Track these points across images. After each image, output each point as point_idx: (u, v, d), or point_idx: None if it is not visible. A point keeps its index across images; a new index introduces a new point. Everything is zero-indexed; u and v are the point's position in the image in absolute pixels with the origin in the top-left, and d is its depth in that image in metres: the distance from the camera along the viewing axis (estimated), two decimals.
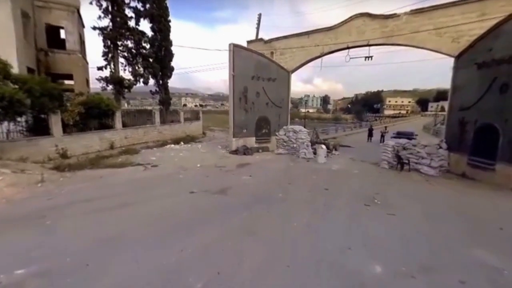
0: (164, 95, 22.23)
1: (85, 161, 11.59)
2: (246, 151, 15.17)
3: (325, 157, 13.48)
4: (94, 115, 13.54)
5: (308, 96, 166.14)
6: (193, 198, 7.57)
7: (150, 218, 6.00)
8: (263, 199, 7.51)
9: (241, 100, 15.33)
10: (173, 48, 21.99)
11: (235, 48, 14.46)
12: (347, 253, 4.64)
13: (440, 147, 11.56)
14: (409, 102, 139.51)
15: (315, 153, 14.23)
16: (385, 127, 23.74)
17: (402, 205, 7.27)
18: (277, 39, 17.32)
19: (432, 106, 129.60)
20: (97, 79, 18.31)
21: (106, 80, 18.29)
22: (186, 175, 10.26)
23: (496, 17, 9.76)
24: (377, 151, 18.37)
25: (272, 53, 17.37)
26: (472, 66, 10.45)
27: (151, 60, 19.81)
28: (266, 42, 17.79)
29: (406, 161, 11.60)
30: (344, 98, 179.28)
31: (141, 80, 19.64)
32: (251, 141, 16.14)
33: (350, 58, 14.78)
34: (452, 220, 6.27)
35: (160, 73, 21.76)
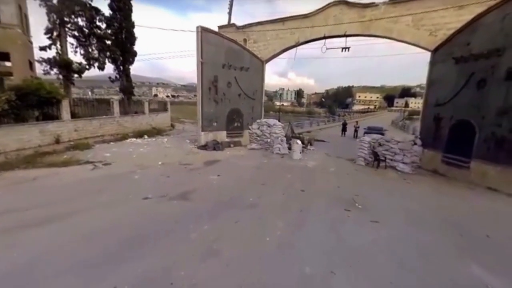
0: (126, 83, 19.94)
1: (17, 159, 9.58)
2: (216, 146, 13.92)
3: (300, 152, 12.73)
4: (33, 103, 11.33)
5: (283, 89, 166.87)
6: (145, 206, 6.26)
7: (82, 238, 4.64)
8: (232, 205, 6.44)
9: (210, 90, 13.95)
10: (140, 33, 19.74)
11: (203, 32, 12.97)
12: (330, 281, 3.74)
13: (415, 144, 11.33)
14: (377, 97, 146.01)
15: (290, 148, 13.42)
16: (357, 121, 23.81)
17: (384, 209, 6.64)
18: (251, 25, 16.04)
19: (398, 102, 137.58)
20: (38, 61, 15.57)
21: (49, 62, 15.57)
22: (143, 175, 8.82)
23: (474, 9, 9.47)
24: (352, 146, 18.18)
25: (245, 40, 16.09)
26: (449, 60, 10.17)
27: (108, 42, 17.42)
28: (238, 28, 16.43)
29: (383, 158, 11.21)
30: (316, 93, 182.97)
31: (96, 64, 17.23)
32: (222, 135, 14.90)
33: (327, 48, 14.04)
34: (438, 228, 5.70)
35: (121, 58, 19.42)
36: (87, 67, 17.01)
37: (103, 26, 17.23)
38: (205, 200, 6.69)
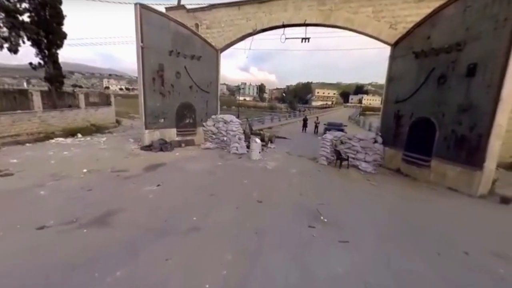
0: (53, 70, 16.51)
1: None
2: (163, 146, 11.99)
3: (259, 152, 11.53)
4: None
5: (245, 84, 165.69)
6: (36, 241, 4.37)
7: None
8: (166, 231, 4.89)
9: (155, 81, 11.91)
10: (85, 16, 16.41)
11: (143, 10, 10.84)
12: None
13: (376, 141, 10.93)
14: (334, 94, 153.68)
15: (248, 147, 12.14)
16: (317, 117, 23.63)
17: (352, 222, 5.71)
18: (203, 9, 14.20)
19: (352, 98, 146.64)
20: None
21: None
22: (53, 189, 6.70)
23: (435, 2, 9.13)
24: (313, 143, 17.68)
25: (197, 25, 14.22)
26: (410, 55, 9.80)
27: (21, 18, 13.96)
28: (189, 11, 14.46)
29: (346, 157, 10.57)
30: (277, 88, 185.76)
31: (6, 45, 13.69)
32: (171, 134, 12.99)
33: (286, 38, 12.97)
34: (412, 245, 4.91)
35: (45, 41, 15.95)
36: None
37: None
38: (130, 226, 5.02)
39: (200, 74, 13.51)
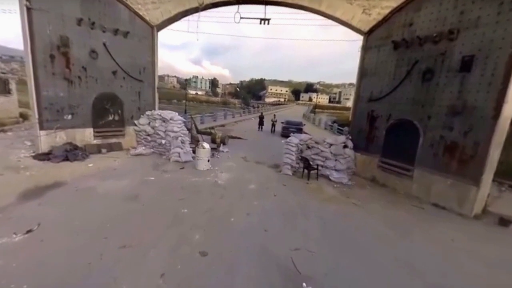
0: None
1: None
2: (70, 153, 8.47)
3: (208, 160, 8.92)
4: None
5: (197, 77, 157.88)
6: None
7: None
8: None
9: (54, 61, 8.28)
10: None
11: None
12: None
13: (346, 146, 9.34)
14: (286, 91, 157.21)
15: (195, 151, 9.41)
16: (274, 115, 21.90)
17: (347, 282, 3.66)
18: None
19: (303, 96, 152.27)
20: None
21: None
22: None
23: None
24: (272, 144, 15.67)
25: None
26: (387, 45, 8.34)
27: None
28: None
29: (315, 167, 8.70)
30: (231, 84, 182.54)
31: None
32: (85, 135, 9.45)
33: (241, 18, 10.50)
34: None
35: None
36: None
37: None
38: None
39: (129, 56, 10.17)
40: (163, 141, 10.08)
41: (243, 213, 5.72)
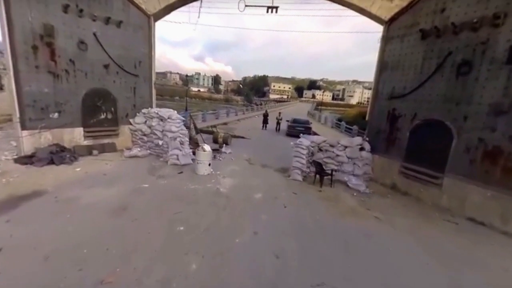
0: None
1: None
2: (56, 156, 7.62)
3: (209, 164, 8.02)
4: None
5: (199, 74, 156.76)
6: None
7: None
8: None
9: (38, 53, 7.39)
10: None
11: None
12: None
13: (362, 148, 8.39)
14: (289, 88, 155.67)
15: (195, 153, 8.51)
16: (280, 113, 20.92)
17: None
18: None
19: (306, 93, 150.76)
20: None
21: None
22: None
23: None
24: (277, 144, 14.76)
25: None
26: (413, 35, 7.33)
27: None
28: None
29: (329, 172, 7.77)
30: (233, 80, 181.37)
31: None
32: (75, 136, 8.59)
33: (246, 5, 9.51)
34: None
35: None
36: None
37: None
38: None
39: (122, 48, 9.26)
40: (160, 142, 9.19)
41: (249, 231, 4.82)
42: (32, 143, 7.61)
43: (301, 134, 9.01)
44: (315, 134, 18.98)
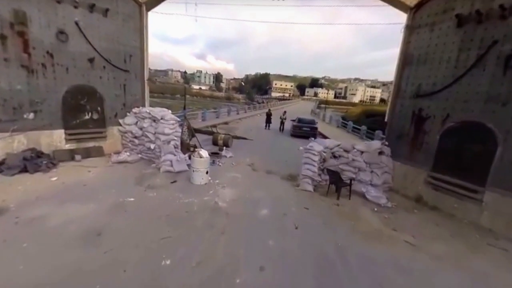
0: None
1: None
2: (30, 163, 6.62)
3: (207, 172, 6.99)
4: None
5: (201, 72, 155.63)
6: None
7: None
8: None
9: (6, 44, 6.37)
10: None
11: None
12: None
13: (382, 152, 7.34)
14: (291, 86, 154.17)
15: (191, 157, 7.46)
16: (284, 112, 19.84)
17: None
18: None
19: (308, 91, 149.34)
20: None
21: None
22: None
23: None
24: (282, 146, 13.73)
25: None
26: (446, 22, 6.24)
27: None
28: None
29: (347, 182, 6.72)
30: (235, 78, 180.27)
31: None
32: (54, 139, 7.59)
33: None
34: None
35: None
36: None
37: None
38: None
39: (110, 39, 8.22)
40: (152, 146, 8.17)
41: (254, 265, 3.79)
42: (2, 148, 6.60)
43: (312, 139, 7.95)
44: (322, 135, 17.93)
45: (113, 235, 4.23)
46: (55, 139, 7.54)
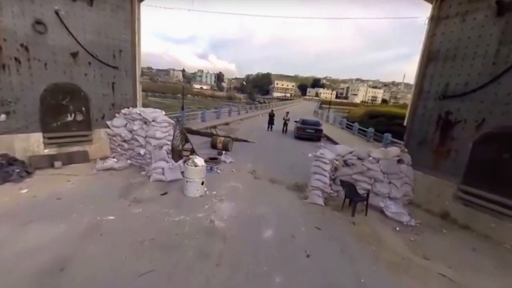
0: None
1: None
2: (0, 172, 5.75)
3: (202, 183, 6.11)
4: None
5: (202, 71, 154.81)
6: None
7: None
8: None
9: None
10: None
11: None
12: None
13: (401, 161, 6.45)
14: (292, 86, 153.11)
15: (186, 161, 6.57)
16: (287, 113, 18.93)
17: None
18: None
19: (310, 91, 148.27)
20: None
21: None
22: None
23: None
24: (286, 149, 12.82)
25: None
26: (480, 11, 5.34)
27: None
28: None
29: (364, 196, 5.82)
30: (236, 78, 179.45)
31: None
32: (32, 143, 6.73)
33: None
34: None
35: None
36: None
37: None
38: None
39: (97, 32, 7.36)
40: (142, 151, 7.31)
41: None
42: None
43: (321, 144, 7.05)
44: (327, 138, 17.04)
45: (80, 270, 3.37)
46: (32, 143, 6.69)
